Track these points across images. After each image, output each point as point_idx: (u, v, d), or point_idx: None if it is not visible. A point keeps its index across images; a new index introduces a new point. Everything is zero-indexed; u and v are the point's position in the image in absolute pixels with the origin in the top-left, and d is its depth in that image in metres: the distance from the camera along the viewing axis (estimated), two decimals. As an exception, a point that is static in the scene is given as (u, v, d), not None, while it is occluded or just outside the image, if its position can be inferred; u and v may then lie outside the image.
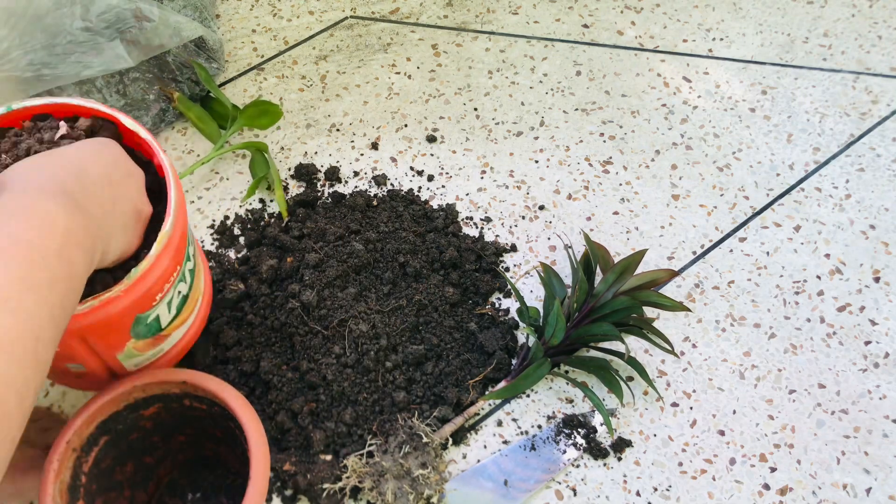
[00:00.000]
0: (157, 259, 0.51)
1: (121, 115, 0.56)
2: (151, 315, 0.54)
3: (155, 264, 0.51)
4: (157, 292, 0.53)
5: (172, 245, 0.52)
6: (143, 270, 0.50)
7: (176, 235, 0.53)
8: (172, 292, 0.55)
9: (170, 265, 0.52)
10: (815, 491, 0.65)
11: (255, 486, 0.51)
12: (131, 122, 0.55)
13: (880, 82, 0.94)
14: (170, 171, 0.54)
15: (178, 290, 0.56)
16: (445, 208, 0.81)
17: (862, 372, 0.72)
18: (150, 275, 0.50)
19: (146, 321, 0.54)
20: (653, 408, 0.69)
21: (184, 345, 0.62)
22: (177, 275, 0.55)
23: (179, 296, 0.57)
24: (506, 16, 1.00)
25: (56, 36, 0.68)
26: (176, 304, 0.57)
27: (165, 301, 0.55)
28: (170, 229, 0.51)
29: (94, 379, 0.58)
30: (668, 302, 0.70)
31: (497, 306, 0.75)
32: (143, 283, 0.50)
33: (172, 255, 0.53)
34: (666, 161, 0.87)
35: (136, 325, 0.53)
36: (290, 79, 0.93)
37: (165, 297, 0.54)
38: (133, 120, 0.56)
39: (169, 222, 0.51)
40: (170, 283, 0.54)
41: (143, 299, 0.51)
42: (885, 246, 0.80)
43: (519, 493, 0.64)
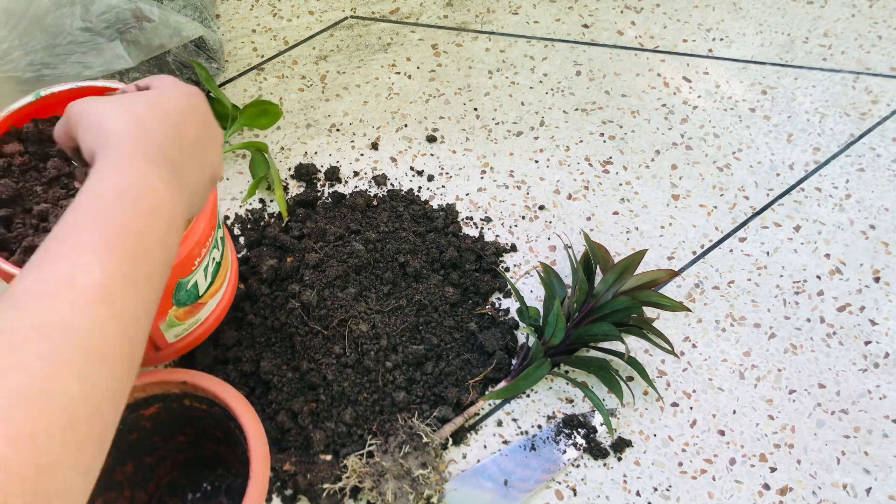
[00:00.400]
0: (196, 221, 0.53)
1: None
2: (191, 280, 0.56)
3: (194, 226, 0.53)
4: (196, 256, 0.55)
5: (208, 209, 0.54)
6: (185, 232, 0.51)
7: (211, 199, 0.55)
8: (208, 258, 0.57)
9: (206, 229, 0.55)
10: (815, 491, 0.65)
11: (255, 486, 0.51)
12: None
13: (880, 82, 0.94)
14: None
15: (212, 256, 0.58)
16: (445, 208, 0.81)
17: (862, 372, 0.72)
18: (191, 236, 0.53)
19: (186, 287, 0.56)
20: (653, 408, 0.69)
21: (217, 314, 0.65)
22: (211, 240, 0.57)
23: (214, 262, 0.59)
24: (506, 16, 1.00)
25: (56, 36, 0.68)
26: (211, 271, 0.59)
27: (202, 267, 0.57)
28: None
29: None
30: (668, 302, 0.70)
31: (497, 306, 0.75)
32: (185, 245, 0.52)
33: (208, 220, 0.55)
34: (666, 161, 0.87)
35: (177, 292, 0.55)
36: (290, 79, 0.93)
37: (203, 263, 0.56)
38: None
39: None
40: (206, 248, 0.56)
41: (184, 263, 0.53)
42: (885, 246, 0.80)
43: (519, 493, 0.64)
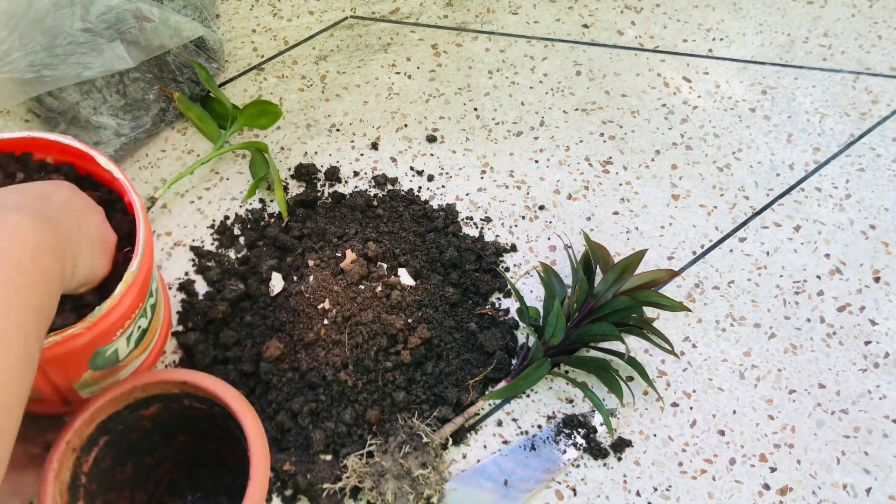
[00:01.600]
0: (121, 298, 0.51)
1: (95, 152, 0.57)
2: (111, 349, 0.55)
3: (119, 303, 0.51)
4: (119, 328, 0.53)
5: (137, 285, 0.53)
6: (106, 309, 0.50)
7: (141, 275, 0.53)
8: (133, 327, 0.56)
9: (133, 303, 0.53)
10: (815, 491, 0.65)
11: (255, 486, 0.51)
12: (105, 161, 0.56)
13: (880, 82, 0.94)
14: (139, 210, 0.54)
15: (138, 325, 0.57)
16: (445, 208, 0.81)
17: (862, 372, 0.72)
18: (112, 313, 0.51)
19: (105, 354, 0.55)
20: (653, 408, 0.69)
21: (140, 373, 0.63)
22: (139, 311, 0.56)
23: (139, 330, 0.58)
24: (506, 16, 1.00)
25: (56, 37, 0.68)
26: (135, 338, 0.58)
27: (125, 335, 0.55)
28: (136, 269, 0.52)
29: (48, 405, 0.59)
30: (668, 302, 0.70)
31: (497, 306, 0.75)
32: (106, 321, 0.51)
33: (136, 294, 0.53)
34: (666, 161, 0.87)
35: (94, 359, 0.54)
36: (290, 79, 0.93)
37: (126, 332, 0.55)
38: (107, 158, 0.56)
39: (136, 263, 0.52)
40: (131, 320, 0.55)
41: (104, 335, 0.52)
42: (885, 246, 0.80)
43: (519, 493, 0.64)
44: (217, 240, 0.78)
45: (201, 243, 0.78)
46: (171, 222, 0.79)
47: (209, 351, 0.70)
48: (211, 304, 0.72)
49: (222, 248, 0.78)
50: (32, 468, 0.55)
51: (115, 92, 0.80)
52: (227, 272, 0.75)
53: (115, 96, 0.80)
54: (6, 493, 0.54)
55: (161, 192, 0.78)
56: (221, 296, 0.72)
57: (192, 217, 0.80)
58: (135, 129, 0.82)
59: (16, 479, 0.54)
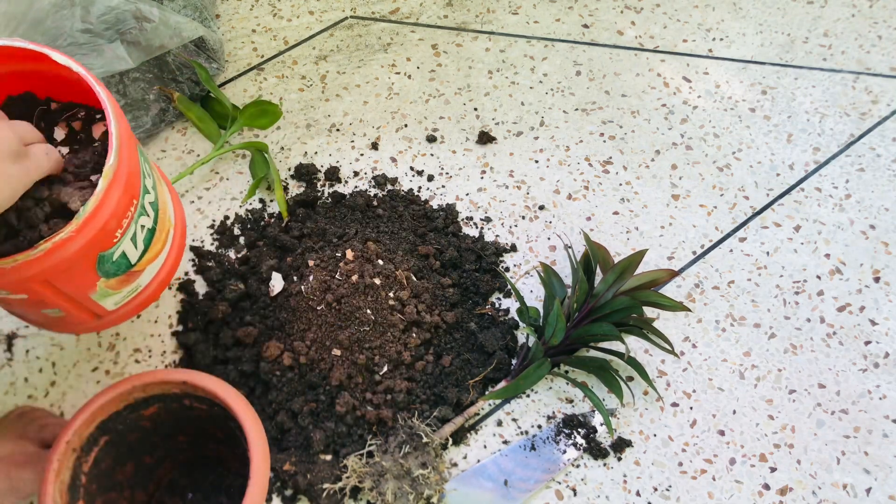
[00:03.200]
0: (105, 195, 0.49)
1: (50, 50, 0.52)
2: (116, 252, 0.53)
3: (104, 200, 0.49)
4: (116, 228, 0.51)
5: (121, 179, 0.51)
6: (91, 208, 0.48)
7: (123, 169, 0.51)
8: (134, 227, 0.54)
9: (123, 200, 0.51)
10: (815, 491, 0.65)
11: (255, 486, 0.51)
12: (61, 57, 0.52)
13: (880, 82, 0.94)
14: (109, 105, 0.52)
15: (140, 224, 0.55)
16: (445, 208, 0.81)
17: (862, 372, 0.72)
18: (101, 212, 0.49)
19: (111, 259, 0.53)
20: (653, 408, 0.69)
21: (162, 279, 0.61)
22: (134, 209, 0.53)
23: (144, 230, 0.56)
24: (506, 16, 1.00)
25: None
26: (142, 239, 0.56)
27: (128, 237, 0.53)
28: (114, 162, 0.50)
29: (78, 321, 0.57)
30: (668, 302, 0.70)
31: (497, 306, 0.75)
32: (96, 221, 0.49)
33: (123, 190, 0.51)
34: (666, 161, 0.87)
35: (101, 264, 0.52)
36: (290, 79, 0.93)
37: (127, 233, 0.53)
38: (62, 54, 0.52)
39: (112, 156, 0.50)
40: (128, 219, 0.52)
41: (101, 237, 0.50)
42: (885, 246, 0.80)
43: (519, 493, 0.64)
44: (217, 240, 0.78)
45: (201, 243, 0.78)
46: (172, 222, 0.79)
47: (209, 351, 0.70)
48: (211, 304, 0.72)
49: (222, 248, 0.78)
50: (30, 466, 0.55)
51: (115, 92, 0.80)
52: (227, 272, 0.75)
53: (115, 96, 0.80)
54: (4, 492, 0.54)
55: (161, 192, 0.78)
56: (221, 296, 0.72)
57: (192, 217, 0.80)
58: (135, 130, 0.82)
59: (14, 477, 0.54)
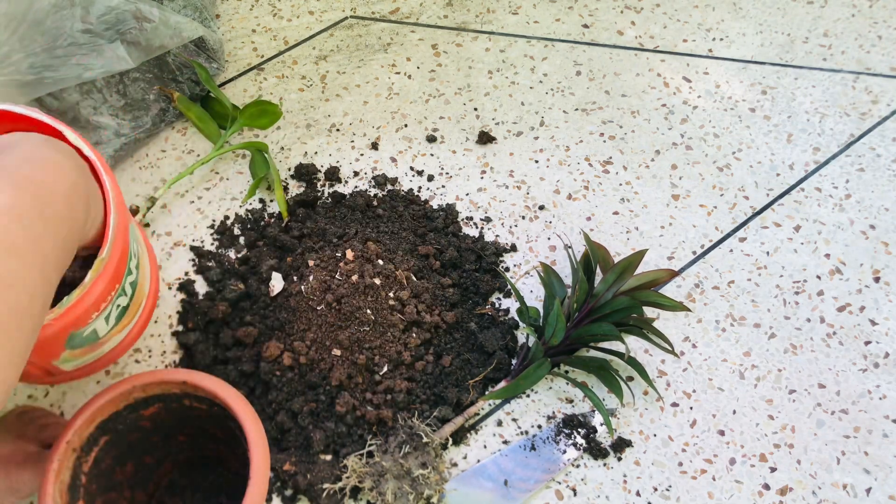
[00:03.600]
0: (91, 286, 0.50)
1: (66, 128, 0.53)
2: (87, 330, 0.53)
3: (89, 291, 0.50)
4: (93, 311, 0.52)
5: (109, 270, 0.52)
6: (75, 299, 0.49)
7: (114, 260, 0.52)
8: (110, 307, 0.54)
9: (106, 288, 0.52)
10: (815, 491, 0.65)
11: (255, 486, 0.51)
12: (75, 138, 0.53)
13: (880, 82, 0.94)
14: (112, 193, 0.53)
15: (117, 304, 0.55)
16: (445, 208, 0.81)
17: (862, 372, 0.72)
18: (84, 301, 0.50)
19: (81, 335, 0.53)
20: (653, 408, 0.69)
21: (126, 344, 0.63)
22: (114, 293, 0.54)
23: (118, 308, 0.56)
24: (506, 16, 1.00)
25: (57, 39, 0.68)
26: (115, 316, 0.56)
27: (103, 316, 0.54)
28: (106, 256, 0.51)
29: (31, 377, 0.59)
30: (668, 302, 0.70)
31: (497, 306, 0.75)
32: (77, 309, 0.50)
33: (109, 279, 0.52)
34: (666, 161, 0.87)
35: (70, 340, 0.53)
36: (290, 79, 0.93)
37: (102, 314, 0.54)
38: (77, 135, 0.54)
39: (106, 249, 0.51)
40: (107, 303, 0.53)
41: (76, 320, 0.51)
42: (885, 246, 0.80)
43: (519, 493, 0.64)
44: (217, 240, 0.78)
45: (201, 243, 0.78)
46: (171, 222, 0.79)
47: (209, 351, 0.70)
48: (211, 304, 0.72)
49: (222, 248, 0.78)
50: (30, 466, 0.55)
51: (115, 92, 0.80)
52: (227, 272, 0.75)
53: (115, 96, 0.80)
54: (3, 491, 0.54)
55: (161, 192, 0.78)
56: (221, 296, 0.72)
57: (192, 217, 0.80)
58: (135, 129, 0.82)
59: (13, 476, 0.54)
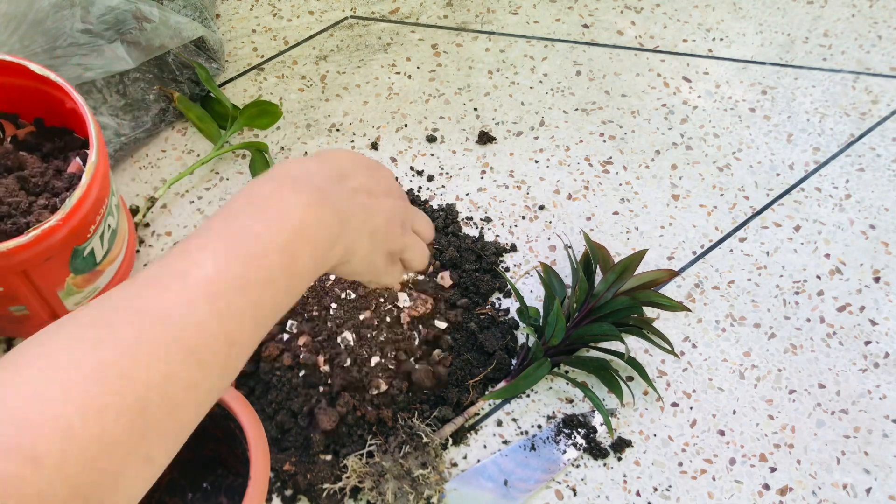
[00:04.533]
0: (88, 187, 0.55)
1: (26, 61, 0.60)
2: (87, 248, 0.58)
3: (87, 192, 0.55)
4: (91, 223, 0.57)
5: (99, 174, 0.57)
6: (77, 198, 0.54)
7: (102, 165, 0.57)
8: (103, 225, 0.60)
9: (99, 195, 0.57)
10: (815, 491, 0.65)
11: (255, 486, 0.51)
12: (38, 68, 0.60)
13: (880, 82, 0.94)
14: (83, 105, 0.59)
15: (107, 223, 0.61)
16: (445, 208, 0.81)
17: (862, 372, 0.72)
18: (83, 203, 0.55)
19: (83, 254, 0.58)
20: (653, 408, 0.69)
21: (117, 281, 0.67)
22: (105, 207, 0.59)
23: (110, 230, 0.62)
24: (506, 16, 1.00)
25: (57, 39, 0.68)
26: (108, 238, 0.62)
27: (98, 234, 0.59)
28: (95, 159, 0.56)
29: (39, 322, 0.62)
30: (668, 302, 0.70)
31: (497, 306, 0.75)
32: (79, 212, 0.55)
33: (100, 185, 0.57)
34: (666, 161, 0.87)
35: (74, 259, 0.58)
36: (290, 79, 0.93)
37: (98, 230, 0.59)
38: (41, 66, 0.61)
39: (94, 153, 0.57)
40: (100, 215, 0.58)
41: (79, 229, 0.56)
42: (885, 246, 0.80)
43: (519, 493, 0.64)
44: (217, 240, 0.78)
45: (201, 243, 0.78)
46: (171, 222, 0.79)
47: (209, 351, 0.70)
48: (211, 305, 0.72)
49: (222, 248, 0.78)
50: None
51: (115, 92, 0.80)
52: (227, 272, 0.75)
53: (115, 96, 0.80)
54: None
55: (161, 192, 0.78)
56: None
57: (192, 217, 0.80)
58: (135, 129, 0.82)
59: None
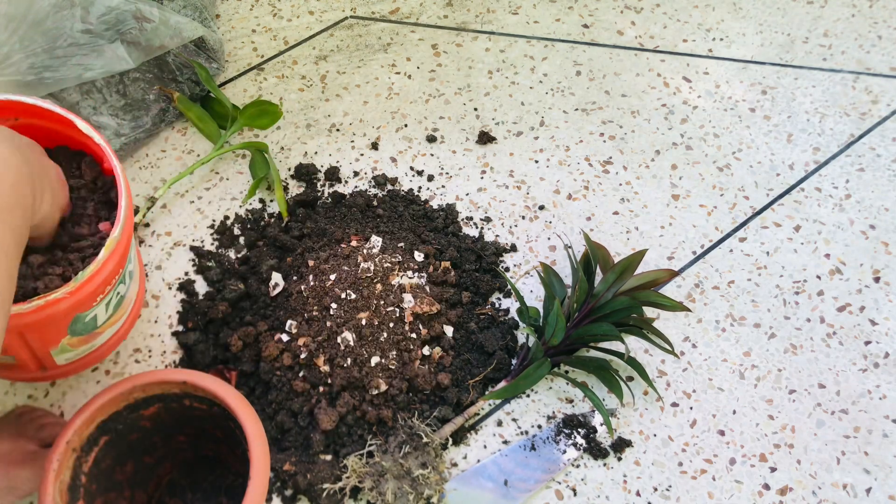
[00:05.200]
0: (104, 263, 0.53)
1: (76, 118, 0.57)
2: (90, 314, 0.56)
3: (101, 268, 0.53)
4: (99, 294, 0.55)
5: (119, 250, 0.54)
6: (90, 273, 0.52)
7: (123, 241, 0.55)
8: (112, 294, 0.57)
9: (114, 269, 0.55)
10: (815, 491, 0.65)
11: (255, 486, 0.51)
12: (85, 126, 0.57)
13: (880, 82, 0.94)
14: (121, 177, 0.56)
15: (117, 291, 0.58)
16: (445, 208, 0.81)
17: (862, 372, 0.72)
18: (95, 278, 0.53)
19: (84, 320, 0.56)
20: (653, 408, 0.69)
21: (114, 342, 0.65)
22: (118, 278, 0.57)
23: (118, 297, 0.59)
24: (506, 16, 1.00)
25: (57, 39, 0.68)
26: (114, 304, 0.59)
27: (105, 301, 0.57)
28: (118, 235, 0.53)
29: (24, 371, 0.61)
30: (668, 302, 0.70)
31: (497, 306, 0.75)
32: (89, 286, 0.53)
33: (117, 260, 0.55)
34: (666, 161, 0.87)
35: (74, 324, 0.55)
36: (290, 79, 0.93)
37: (105, 298, 0.57)
38: (87, 123, 0.57)
39: (118, 228, 0.53)
40: (111, 286, 0.56)
41: (85, 300, 0.53)
42: (885, 246, 0.80)
43: (519, 493, 0.64)
44: (217, 240, 0.78)
45: (201, 243, 0.78)
46: (171, 222, 0.79)
47: (209, 351, 0.70)
48: (211, 304, 0.72)
49: (222, 248, 0.78)
50: (29, 465, 0.55)
51: (115, 92, 0.80)
52: (227, 272, 0.75)
53: (115, 96, 0.80)
54: (2, 490, 0.54)
55: (161, 192, 0.78)
56: (221, 296, 0.72)
57: (192, 217, 0.80)
58: (135, 129, 0.82)
59: (12, 475, 0.54)
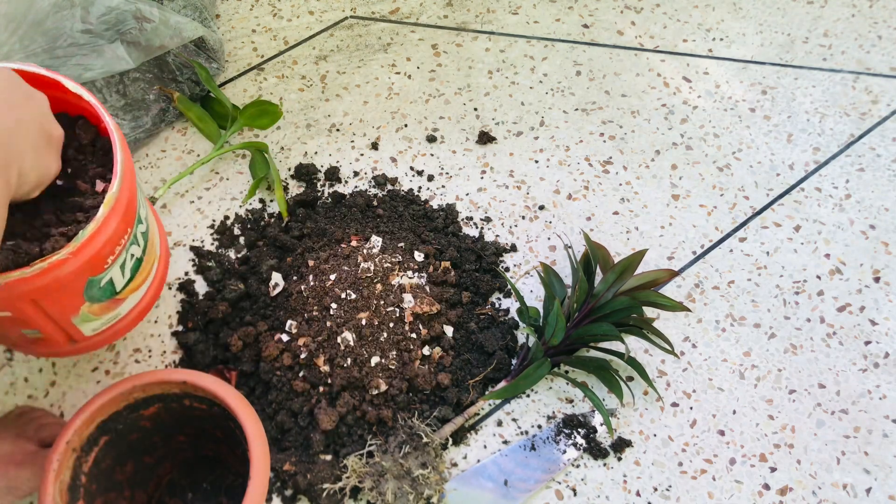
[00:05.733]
0: (104, 221, 0.51)
1: (62, 78, 0.55)
2: (104, 278, 0.54)
3: (103, 226, 0.51)
4: (109, 255, 0.53)
5: (120, 207, 0.52)
6: (90, 232, 0.50)
7: (124, 197, 0.53)
8: (125, 255, 0.55)
9: (119, 227, 0.53)
10: (815, 491, 0.65)
11: (255, 486, 0.51)
12: (73, 85, 0.55)
13: (880, 82, 0.94)
14: (115, 134, 0.54)
15: (130, 252, 0.56)
16: (445, 208, 0.81)
17: (862, 372, 0.72)
18: (98, 237, 0.51)
19: (99, 284, 0.54)
20: (653, 408, 0.69)
21: (141, 308, 0.63)
22: (128, 237, 0.55)
23: (133, 259, 0.57)
24: (506, 16, 1.00)
25: (57, 39, 0.68)
26: (130, 267, 0.57)
27: (118, 264, 0.55)
28: (116, 191, 0.52)
29: (53, 344, 0.59)
30: (668, 302, 0.70)
31: (497, 306, 0.75)
32: (92, 245, 0.50)
33: (121, 218, 0.53)
34: (666, 161, 0.87)
35: (88, 288, 0.53)
36: (290, 79, 0.93)
37: (118, 260, 0.54)
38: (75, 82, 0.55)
39: (116, 184, 0.52)
40: (121, 246, 0.54)
41: (93, 262, 0.51)
42: (885, 246, 0.80)
43: (519, 493, 0.64)
44: (217, 240, 0.78)
45: (201, 243, 0.78)
46: (171, 222, 0.79)
47: (209, 351, 0.70)
48: (211, 304, 0.72)
49: (222, 248, 0.78)
50: (29, 465, 0.55)
51: (115, 92, 0.80)
52: (227, 272, 0.75)
53: (115, 96, 0.80)
54: (2, 490, 0.54)
55: (161, 192, 0.78)
56: (221, 296, 0.72)
57: (192, 217, 0.80)
58: (135, 129, 0.82)
59: (12, 475, 0.54)
